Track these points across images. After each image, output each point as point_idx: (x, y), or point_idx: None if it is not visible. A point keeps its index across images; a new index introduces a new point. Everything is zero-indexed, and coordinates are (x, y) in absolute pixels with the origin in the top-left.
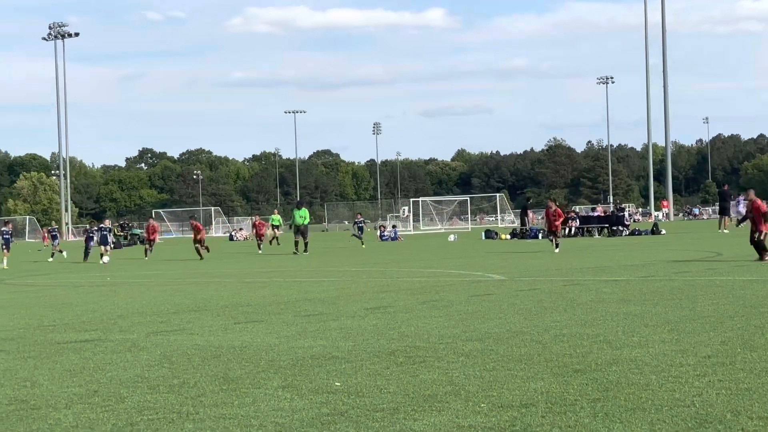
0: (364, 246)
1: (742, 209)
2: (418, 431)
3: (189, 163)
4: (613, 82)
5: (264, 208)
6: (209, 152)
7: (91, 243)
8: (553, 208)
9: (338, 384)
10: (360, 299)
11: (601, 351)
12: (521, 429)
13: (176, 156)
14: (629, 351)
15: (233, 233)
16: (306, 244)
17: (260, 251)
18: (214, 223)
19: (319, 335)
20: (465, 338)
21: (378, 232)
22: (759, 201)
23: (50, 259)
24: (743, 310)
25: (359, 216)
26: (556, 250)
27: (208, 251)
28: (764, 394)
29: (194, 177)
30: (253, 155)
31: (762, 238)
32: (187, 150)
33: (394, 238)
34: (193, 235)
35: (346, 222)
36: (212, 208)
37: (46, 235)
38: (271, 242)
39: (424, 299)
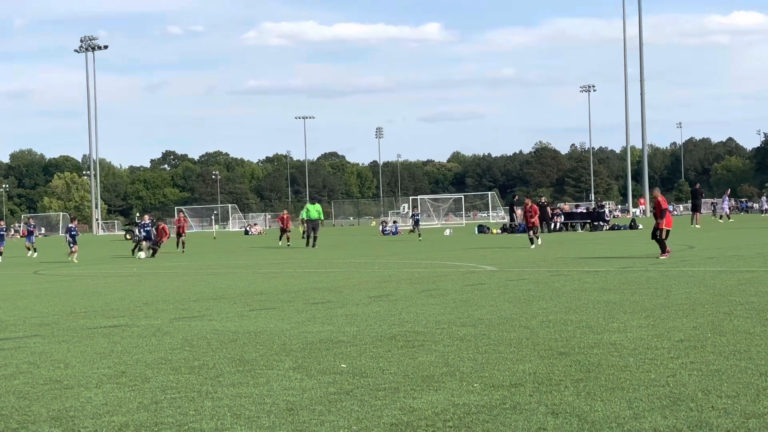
0: (421, 239)
1: (726, 206)
2: (417, 408)
3: (208, 164)
4: (594, 90)
5: (276, 205)
6: (226, 154)
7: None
8: (529, 204)
9: (344, 366)
10: (364, 288)
11: (583, 335)
12: (511, 407)
13: (196, 158)
14: (609, 335)
15: (248, 228)
16: (315, 239)
17: (288, 244)
18: (230, 218)
19: (327, 321)
20: (460, 324)
21: (380, 227)
22: (661, 197)
23: (33, 255)
24: (713, 298)
25: (415, 209)
26: (532, 246)
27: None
28: (732, 374)
29: (213, 177)
30: (267, 157)
31: (662, 236)
32: (206, 152)
33: (395, 233)
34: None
35: (351, 218)
36: (229, 205)
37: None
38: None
39: (423, 288)
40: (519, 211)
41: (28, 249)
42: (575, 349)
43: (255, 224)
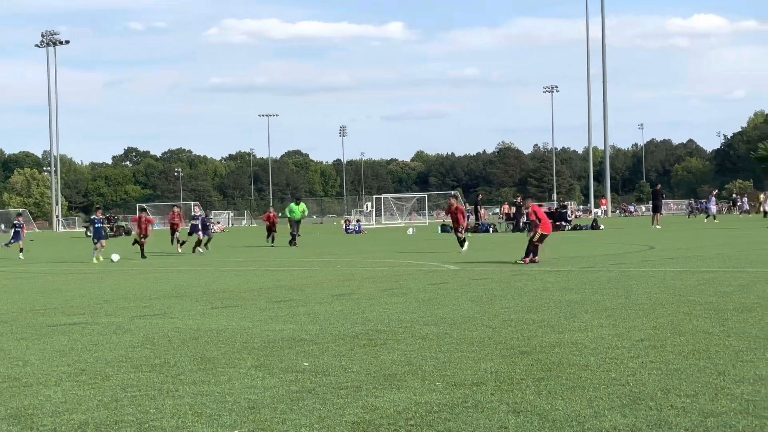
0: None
1: (713, 207)
2: (379, 407)
3: (170, 161)
4: (557, 91)
5: (239, 203)
6: (189, 151)
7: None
8: (455, 205)
9: (306, 364)
10: (327, 287)
11: (545, 335)
12: (472, 405)
13: (159, 154)
14: (570, 335)
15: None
16: (295, 238)
17: (272, 245)
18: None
19: (289, 319)
20: (422, 322)
21: (343, 226)
22: (536, 206)
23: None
24: (673, 298)
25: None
26: (463, 250)
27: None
28: (691, 374)
29: (175, 174)
30: (230, 154)
31: (535, 238)
32: (169, 149)
33: (358, 231)
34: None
35: (314, 216)
36: (191, 202)
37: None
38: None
39: (386, 287)
40: (483, 211)
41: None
42: (537, 348)
43: (218, 222)
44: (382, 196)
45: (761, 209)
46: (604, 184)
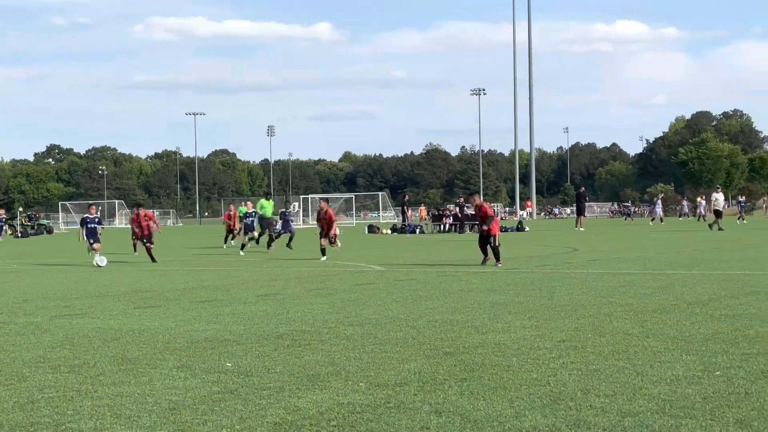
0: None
1: (659, 210)
2: (302, 408)
3: (94, 159)
4: (484, 94)
5: (165, 202)
6: (114, 149)
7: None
8: (325, 209)
9: (229, 365)
10: (252, 287)
11: (468, 335)
12: (395, 406)
13: (83, 152)
14: (494, 335)
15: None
16: (272, 239)
17: (225, 245)
18: (117, 215)
19: (213, 320)
20: (347, 323)
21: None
22: (485, 205)
23: None
24: (595, 300)
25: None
26: (335, 248)
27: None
28: (611, 374)
29: (99, 172)
30: (156, 153)
31: (496, 242)
32: (93, 147)
33: (286, 232)
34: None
35: None
36: (116, 201)
37: None
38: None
39: (311, 287)
40: (410, 212)
41: None
42: (460, 348)
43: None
44: (310, 196)
45: (697, 213)
46: (530, 187)
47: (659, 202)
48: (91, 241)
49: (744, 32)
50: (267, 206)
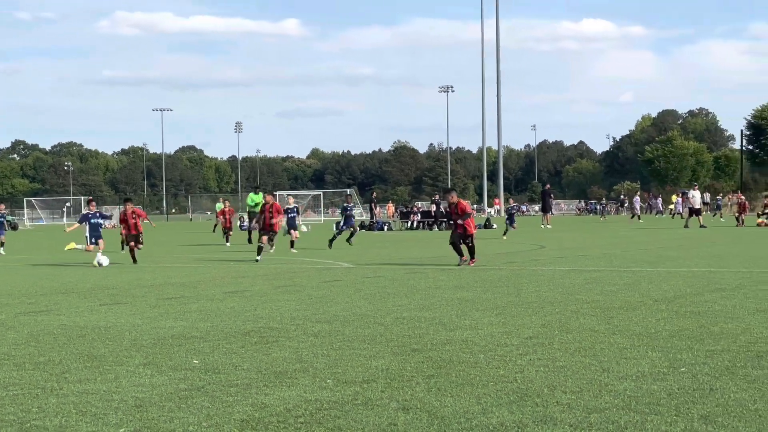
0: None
1: (637, 207)
2: (269, 405)
3: (60, 155)
4: (453, 91)
5: (132, 198)
6: (80, 145)
7: None
8: (271, 202)
9: (196, 362)
10: (219, 284)
11: (436, 332)
12: (362, 402)
13: (48, 148)
14: (461, 332)
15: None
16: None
17: (228, 245)
18: (83, 211)
19: (180, 317)
20: (315, 320)
21: (239, 223)
22: (463, 202)
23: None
24: (562, 297)
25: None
26: (272, 250)
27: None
28: (577, 370)
29: (65, 168)
30: (122, 149)
31: (472, 241)
32: (59, 143)
33: (245, 227)
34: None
35: (209, 213)
36: (82, 197)
37: None
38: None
39: (278, 284)
40: (378, 209)
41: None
42: (428, 345)
43: (110, 216)
44: (278, 193)
45: (673, 211)
46: (498, 184)
47: (638, 199)
48: (94, 238)
49: (709, 31)
50: (257, 200)
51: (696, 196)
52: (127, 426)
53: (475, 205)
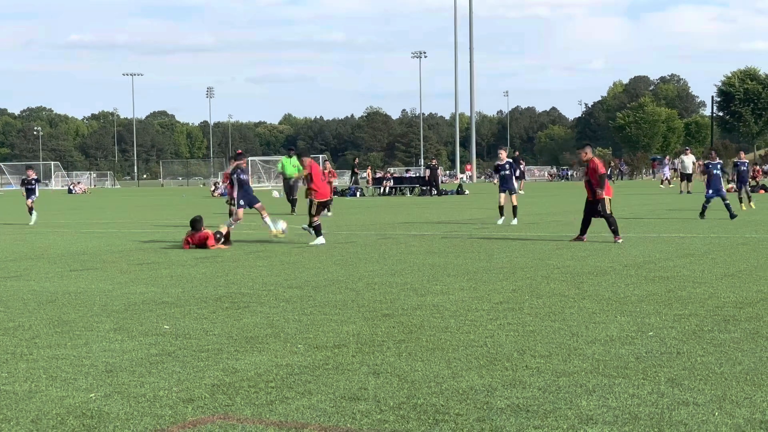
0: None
1: (667, 171)
2: (240, 369)
3: (29, 120)
4: (425, 57)
5: (102, 164)
6: (50, 110)
7: None
8: (325, 168)
9: (167, 327)
10: (191, 249)
11: (407, 298)
12: (333, 367)
13: (17, 112)
14: (432, 298)
15: (72, 186)
16: (294, 202)
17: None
18: (53, 177)
19: (151, 282)
20: (286, 285)
21: (211, 188)
22: (596, 160)
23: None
24: (533, 262)
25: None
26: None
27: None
28: (546, 335)
29: (35, 133)
30: (92, 114)
31: (606, 210)
32: (28, 107)
33: (224, 194)
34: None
35: (180, 178)
36: (52, 162)
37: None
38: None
39: (250, 250)
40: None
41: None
42: (399, 310)
43: (79, 182)
44: (250, 158)
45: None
46: (470, 150)
47: (667, 164)
48: (245, 201)
49: None
50: (287, 164)
51: (686, 161)
52: (98, 391)
53: (447, 172)
